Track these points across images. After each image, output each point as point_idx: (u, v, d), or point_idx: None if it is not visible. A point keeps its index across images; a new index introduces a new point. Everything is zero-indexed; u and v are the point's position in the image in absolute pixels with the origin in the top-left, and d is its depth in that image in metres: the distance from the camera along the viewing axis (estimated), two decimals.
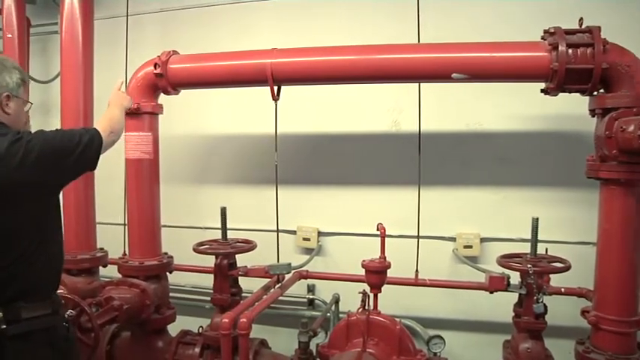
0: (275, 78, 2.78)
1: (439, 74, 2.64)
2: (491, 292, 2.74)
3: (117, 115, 2.26)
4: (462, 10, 3.28)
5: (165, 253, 3.17)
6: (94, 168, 2.01)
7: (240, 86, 3.11)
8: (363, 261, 2.60)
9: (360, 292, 2.58)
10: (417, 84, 3.16)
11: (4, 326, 1.79)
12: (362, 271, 2.62)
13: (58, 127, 3.22)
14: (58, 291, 2.32)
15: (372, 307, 2.59)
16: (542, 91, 2.59)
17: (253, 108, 3.59)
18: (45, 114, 4.20)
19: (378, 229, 2.62)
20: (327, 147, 3.57)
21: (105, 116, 2.22)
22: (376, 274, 2.59)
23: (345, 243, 3.52)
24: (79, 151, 1.90)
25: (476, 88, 2.99)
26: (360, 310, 2.57)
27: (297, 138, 3.59)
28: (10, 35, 3.56)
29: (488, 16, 3.24)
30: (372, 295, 2.60)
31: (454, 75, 2.58)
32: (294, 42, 2.96)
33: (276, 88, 2.83)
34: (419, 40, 3.07)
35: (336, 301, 3.33)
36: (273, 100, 2.85)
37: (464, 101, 3.27)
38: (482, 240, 3.31)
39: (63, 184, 1.96)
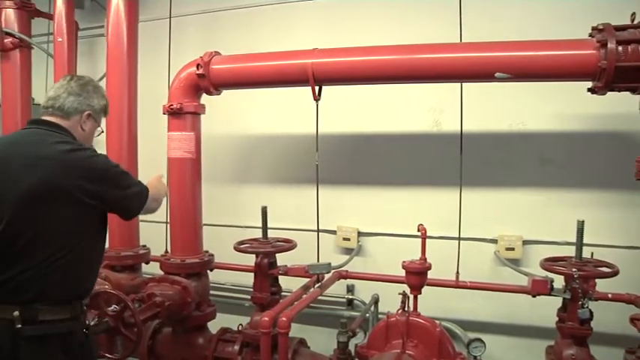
0: (316, 78, 2.80)
1: (482, 74, 2.61)
2: (534, 296, 2.69)
3: (162, 190, 2.24)
4: (505, 8, 3.23)
5: (206, 252, 3.22)
6: (128, 219, 2.07)
7: (282, 86, 3.13)
8: (404, 262, 2.60)
9: (399, 293, 2.57)
10: (459, 83, 3.13)
11: (19, 326, 1.80)
12: (402, 272, 2.62)
13: (104, 125, 3.32)
14: (102, 287, 2.52)
15: (411, 309, 2.58)
16: (589, 90, 2.53)
17: (294, 108, 3.61)
18: None
19: (418, 230, 2.61)
20: (367, 147, 3.57)
21: (150, 185, 2.15)
22: (416, 276, 2.58)
23: (385, 243, 3.52)
24: (125, 194, 1.98)
25: (519, 88, 2.95)
26: (400, 311, 2.56)
27: (338, 138, 3.60)
28: (60, 39, 3.68)
29: (532, 15, 3.18)
30: (412, 297, 2.59)
31: (497, 74, 2.54)
32: (335, 42, 2.97)
33: (317, 88, 2.84)
34: (461, 40, 3.04)
35: (376, 301, 3.32)
36: (315, 100, 2.87)
37: (507, 101, 3.22)
38: (525, 242, 3.25)
39: (96, 208, 1.94)
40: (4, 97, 3.84)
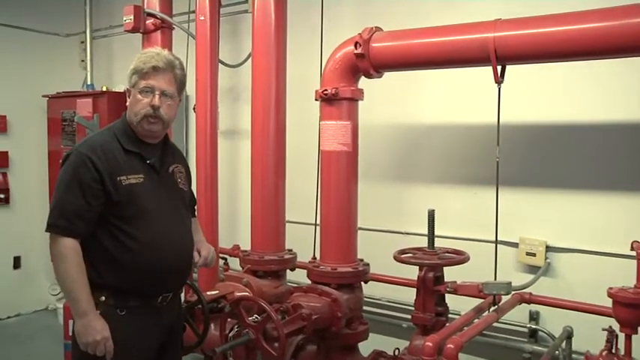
0: (499, 55, 2.72)
1: None
2: None
3: (72, 296, 2.24)
4: None
5: (361, 260, 3.26)
6: None
7: (455, 66, 3.09)
8: (610, 289, 2.43)
9: (604, 329, 2.43)
10: None
11: None
12: (607, 302, 2.47)
13: (249, 113, 3.54)
14: (244, 294, 2.82)
15: (622, 352, 2.41)
16: None
17: (470, 92, 3.56)
18: (234, 100, 4.63)
19: (632, 249, 2.43)
20: (562, 140, 3.40)
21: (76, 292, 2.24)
22: (629, 308, 2.39)
23: (583, 263, 3.31)
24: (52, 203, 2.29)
25: None
26: (605, 352, 2.41)
27: (524, 129, 3.48)
28: (202, 18, 3.94)
29: None
30: (622, 336, 2.42)
31: None
32: (517, 13, 2.84)
33: (499, 67, 2.76)
34: None
35: (568, 335, 3.13)
36: (496, 82, 2.79)
37: None
38: None
39: None
40: None
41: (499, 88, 2.84)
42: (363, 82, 3.20)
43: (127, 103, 2.37)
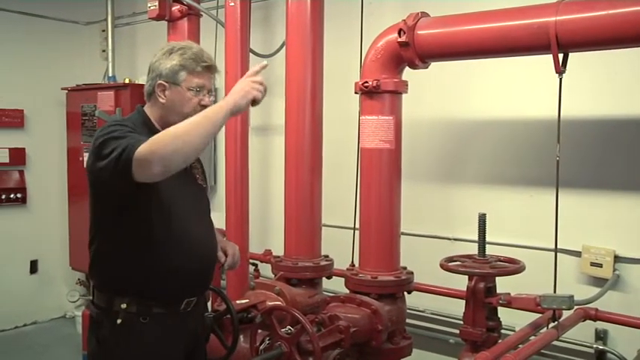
0: (561, 42, 2.66)
1: None
2: None
3: (208, 114, 2.14)
4: None
5: (404, 268, 3.25)
6: (114, 180, 2.11)
7: (510, 55, 3.06)
8: None
9: None
10: None
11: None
12: None
13: (283, 107, 3.56)
14: (276, 303, 2.82)
15: None
16: None
17: (527, 83, 3.53)
18: (266, 93, 4.62)
19: None
20: (632, 137, 3.33)
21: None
22: None
23: None
24: (104, 163, 2.10)
25: None
26: None
27: (588, 124, 3.43)
28: (232, 4, 3.97)
29: None
30: None
31: None
32: None
33: (561, 55, 2.71)
34: None
35: None
36: (557, 72, 2.74)
37: None
38: None
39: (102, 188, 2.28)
40: None
41: (560, 79, 2.79)
42: (408, 74, 3.19)
43: (163, 100, 2.35)
